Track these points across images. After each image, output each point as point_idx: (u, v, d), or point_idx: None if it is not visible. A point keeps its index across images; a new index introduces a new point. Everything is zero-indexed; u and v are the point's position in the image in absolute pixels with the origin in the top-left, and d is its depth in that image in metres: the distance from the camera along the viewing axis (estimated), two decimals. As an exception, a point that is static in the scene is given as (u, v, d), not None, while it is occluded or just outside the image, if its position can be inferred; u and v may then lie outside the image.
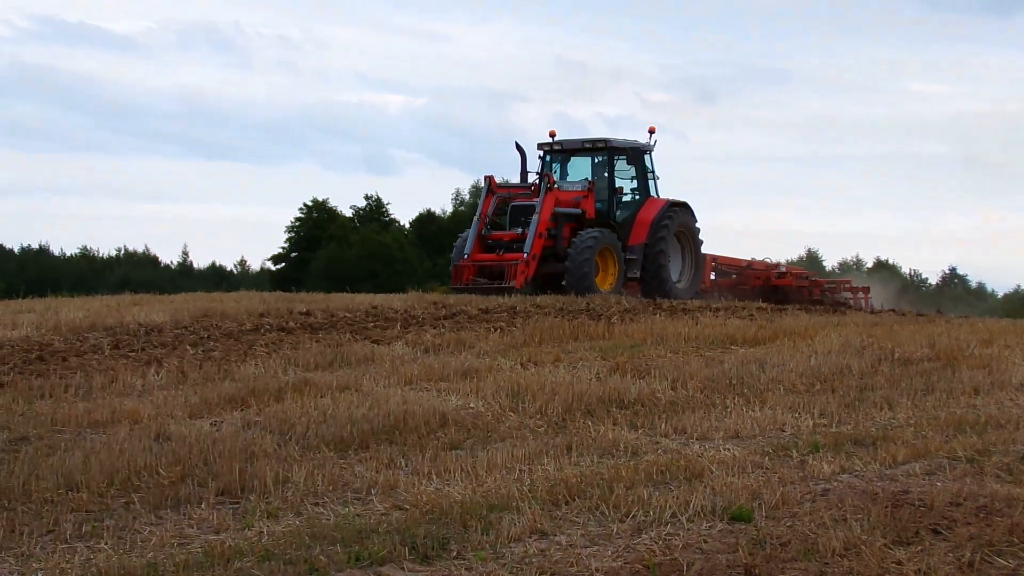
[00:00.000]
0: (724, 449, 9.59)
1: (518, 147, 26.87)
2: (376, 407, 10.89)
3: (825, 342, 15.60)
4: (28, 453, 9.21)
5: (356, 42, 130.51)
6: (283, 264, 74.61)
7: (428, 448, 9.59)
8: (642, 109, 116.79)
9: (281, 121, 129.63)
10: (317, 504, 7.97)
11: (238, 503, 8.02)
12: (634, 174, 27.41)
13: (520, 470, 8.82)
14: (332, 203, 75.54)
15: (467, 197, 60.22)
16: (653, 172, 27.55)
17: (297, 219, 75.10)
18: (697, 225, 27.84)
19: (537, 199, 25.40)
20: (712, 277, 30.18)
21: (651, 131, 27.72)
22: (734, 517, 7.51)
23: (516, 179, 27.27)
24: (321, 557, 6.77)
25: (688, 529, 7.33)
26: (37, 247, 74.60)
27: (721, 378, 12.79)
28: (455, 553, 6.93)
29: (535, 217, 24.95)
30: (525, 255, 24.53)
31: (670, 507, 7.67)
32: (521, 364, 13.86)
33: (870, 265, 73.81)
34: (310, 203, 75.44)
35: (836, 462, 9.00)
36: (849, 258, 77.05)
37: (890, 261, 74.86)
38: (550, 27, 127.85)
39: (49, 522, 7.48)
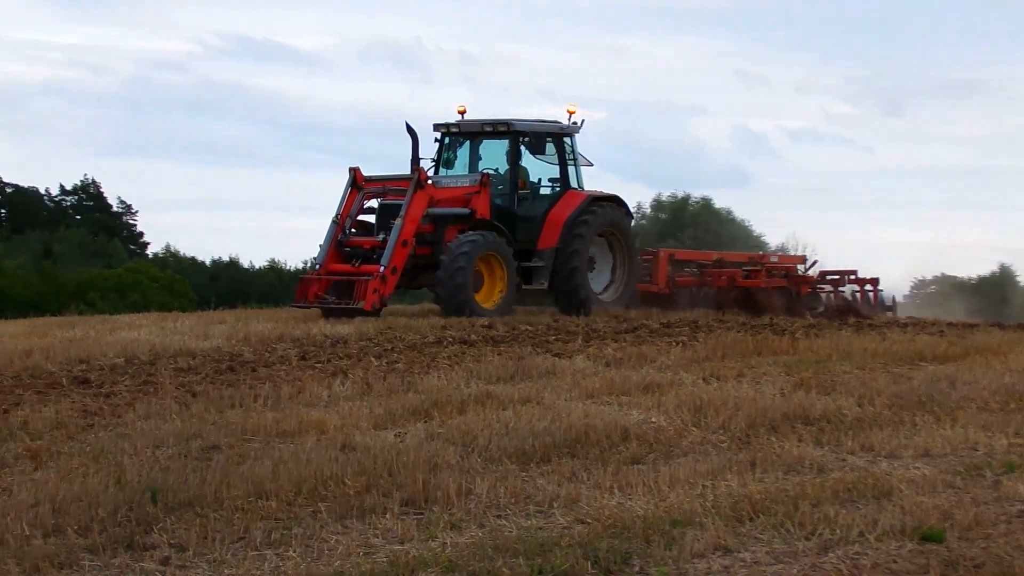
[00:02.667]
0: (913, 468, 9.36)
1: (409, 129, 22.43)
2: (558, 420, 10.90)
3: (1020, 359, 15.15)
4: (219, 461, 9.43)
5: (536, 57, 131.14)
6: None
7: (610, 462, 9.55)
8: (826, 122, 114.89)
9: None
10: (499, 516, 8.00)
11: (422, 514, 8.09)
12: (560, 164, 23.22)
13: (703, 485, 8.73)
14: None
15: (648, 211, 60.03)
16: (576, 160, 23.27)
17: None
18: (632, 223, 24.13)
19: (404, 198, 21.08)
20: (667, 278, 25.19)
21: (571, 112, 23.48)
22: (924, 537, 7.32)
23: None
24: (504, 569, 6.79)
25: (876, 549, 7.16)
26: (228, 260, 76.52)
27: (910, 395, 12.49)
28: (637, 568, 6.89)
29: (397, 222, 20.77)
30: (381, 269, 20.45)
31: (857, 526, 7.52)
32: (703, 379, 13.72)
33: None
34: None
35: (1032, 483, 8.71)
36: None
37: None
38: (731, 41, 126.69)
39: (240, 529, 7.64)
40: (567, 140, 23.17)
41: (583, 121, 23.40)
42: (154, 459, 9.55)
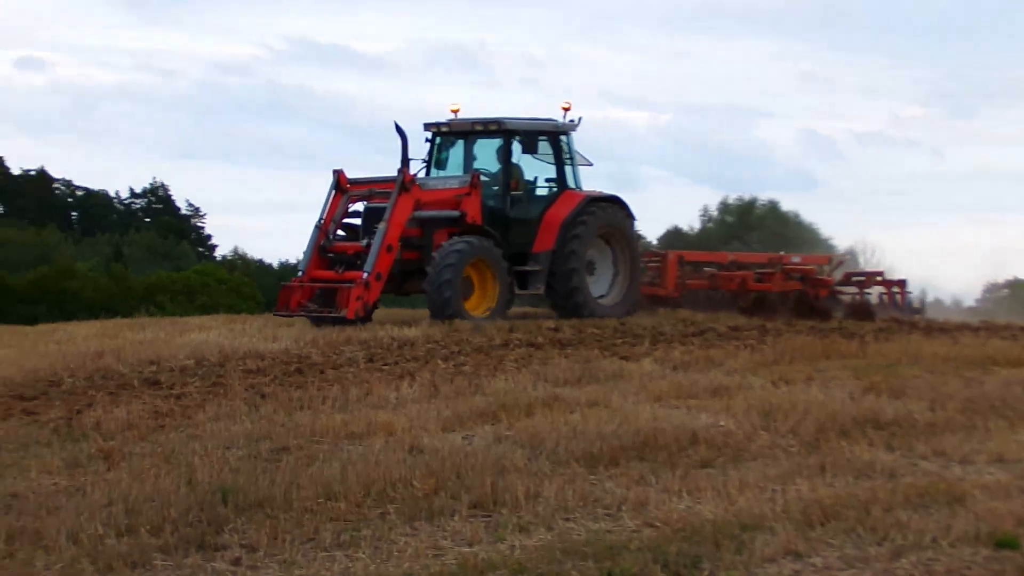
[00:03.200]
0: (987, 473, 9.26)
1: (398, 128, 21.30)
2: (625, 424, 10.87)
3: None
4: (289, 462, 9.49)
5: (600, 59, 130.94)
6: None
7: (678, 466, 9.51)
8: (894, 125, 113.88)
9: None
10: (568, 519, 7.98)
11: (490, 516, 8.09)
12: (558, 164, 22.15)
13: (772, 490, 8.68)
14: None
15: (715, 214, 59.79)
16: (573, 159, 22.20)
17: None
18: (635, 224, 22.57)
19: (388, 201, 20.03)
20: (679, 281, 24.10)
21: (565, 109, 22.24)
22: (1000, 544, 7.23)
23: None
24: (573, 573, 6.78)
25: (950, 555, 7.09)
26: (294, 262, 77.11)
27: (982, 400, 12.34)
28: (707, 572, 6.86)
29: (381, 226, 19.72)
30: (365, 276, 19.45)
31: (930, 531, 7.44)
32: (772, 382, 13.63)
33: None
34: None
35: (1109, 489, 8.59)
36: None
37: None
38: (797, 43, 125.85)
39: (309, 530, 7.67)
40: (563, 139, 22.13)
41: (580, 119, 22.42)
42: (224, 460, 9.61)
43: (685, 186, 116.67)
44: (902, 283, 25.58)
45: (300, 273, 20.47)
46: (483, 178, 21.25)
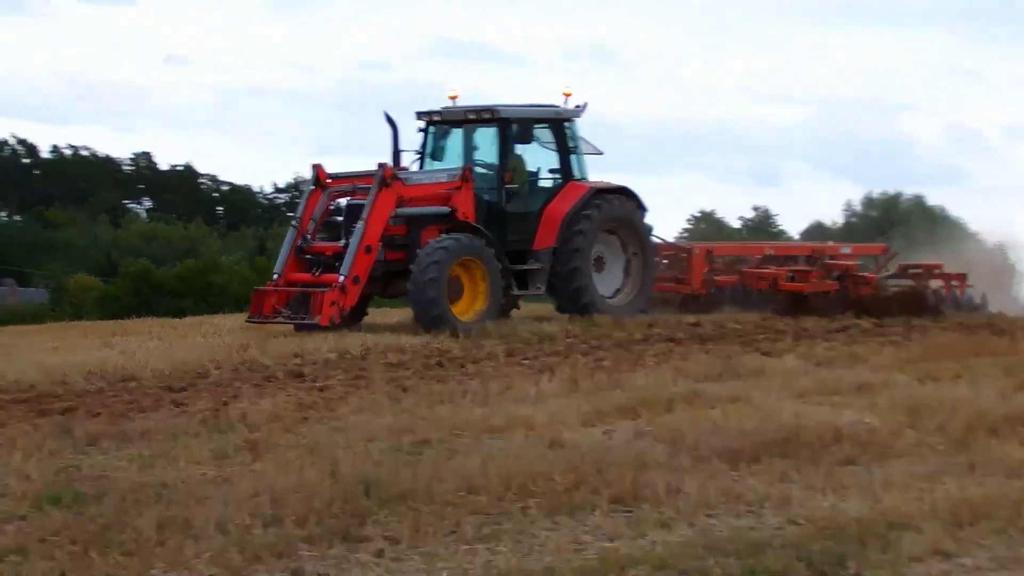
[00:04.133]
0: None
1: (388, 119, 20.12)
2: (767, 420, 10.75)
3: None
4: (430, 456, 9.55)
5: (742, 54, 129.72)
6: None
7: (822, 463, 9.37)
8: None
9: (666, 133, 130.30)
10: (709, 515, 7.92)
11: (631, 511, 8.06)
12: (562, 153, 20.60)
13: (919, 488, 8.50)
14: (719, 214, 75.50)
15: (859, 208, 58.92)
16: (578, 148, 20.62)
17: (684, 230, 75.44)
18: (646, 218, 20.88)
19: (367, 198, 18.62)
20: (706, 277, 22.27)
21: (567, 95, 20.65)
22: None
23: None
24: (716, 569, 6.72)
25: (1106, 557, 6.88)
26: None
27: None
28: (853, 571, 6.76)
29: (359, 225, 18.28)
30: (341, 279, 17.96)
31: (1086, 533, 7.23)
32: (918, 380, 13.38)
33: None
34: (698, 214, 75.64)
35: None
36: None
37: None
38: (942, 35, 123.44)
39: (451, 523, 7.71)
40: (567, 126, 20.58)
41: (585, 104, 20.76)
42: (367, 453, 9.71)
43: (827, 180, 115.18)
44: (962, 277, 23.71)
45: (275, 276, 18.98)
46: (481, 170, 20.06)
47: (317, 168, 19.50)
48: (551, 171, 20.74)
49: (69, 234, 77.30)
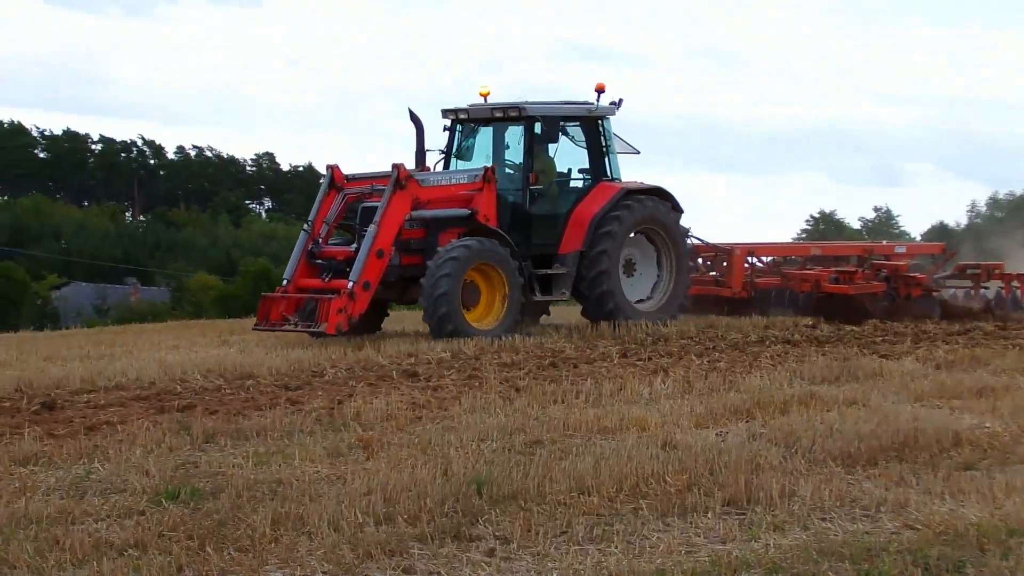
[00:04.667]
0: None
1: (412, 117, 19.48)
2: (885, 423, 10.58)
3: None
4: (542, 456, 9.54)
5: (862, 53, 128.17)
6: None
7: (940, 467, 9.20)
8: None
9: (787, 133, 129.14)
10: (824, 519, 7.82)
11: (744, 514, 7.98)
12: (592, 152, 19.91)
13: (1042, 495, 8.31)
14: (839, 215, 74.74)
15: (983, 209, 57.92)
16: (610, 147, 19.82)
17: (803, 231, 74.77)
18: (680, 220, 20.12)
19: (380, 200, 17.93)
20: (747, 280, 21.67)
21: (599, 89, 19.80)
22: None
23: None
24: (830, 573, 6.64)
25: None
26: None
27: None
28: (971, 578, 6.62)
29: (371, 229, 17.59)
30: (351, 285, 17.31)
31: None
32: (1043, 383, 13.09)
33: None
34: (817, 215, 74.92)
35: None
36: None
37: None
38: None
39: (562, 523, 7.70)
40: (602, 124, 19.84)
41: (620, 101, 19.95)
42: (479, 452, 9.74)
43: (951, 181, 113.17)
44: (1023, 277, 22.93)
45: (285, 282, 18.25)
46: (509, 171, 19.52)
47: (333, 169, 18.85)
48: (581, 171, 20.08)
49: (191, 234, 78.73)
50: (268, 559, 7.04)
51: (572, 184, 19.95)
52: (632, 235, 19.66)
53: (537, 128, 19.04)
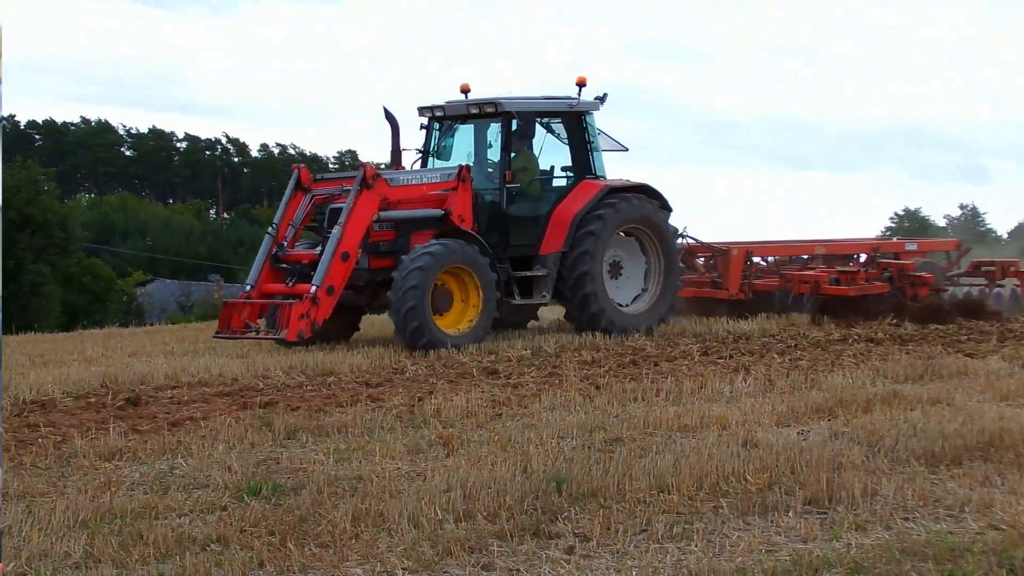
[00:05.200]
0: None
1: (387, 115, 18.72)
2: (970, 422, 10.45)
3: None
4: (622, 454, 9.52)
5: (944, 49, 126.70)
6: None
7: (1026, 467, 9.07)
8: None
9: (868, 130, 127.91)
10: (907, 519, 7.73)
11: (825, 513, 7.91)
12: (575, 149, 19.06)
13: None
14: (924, 212, 73.99)
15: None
16: (595, 144, 19.01)
17: (887, 228, 74.12)
18: (669, 219, 19.25)
19: (345, 202, 17.18)
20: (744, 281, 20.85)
21: (580, 83, 18.99)
22: None
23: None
24: (912, 574, 6.56)
25: None
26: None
27: None
28: (1058, 580, 6.52)
29: (336, 230, 16.85)
30: (313, 289, 16.51)
31: None
32: None
33: None
34: (901, 212, 74.20)
35: None
36: None
37: None
38: None
39: (642, 521, 7.68)
40: (585, 119, 19.02)
41: (605, 96, 19.19)
42: (559, 449, 9.73)
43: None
44: None
45: (248, 287, 17.56)
46: (488, 170, 18.77)
47: (299, 170, 18.25)
48: (564, 169, 19.25)
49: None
50: (348, 555, 7.08)
51: (555, 183, 19.16)
52: (619, 235, 18.94)
53: (514, 124, 18.33)
